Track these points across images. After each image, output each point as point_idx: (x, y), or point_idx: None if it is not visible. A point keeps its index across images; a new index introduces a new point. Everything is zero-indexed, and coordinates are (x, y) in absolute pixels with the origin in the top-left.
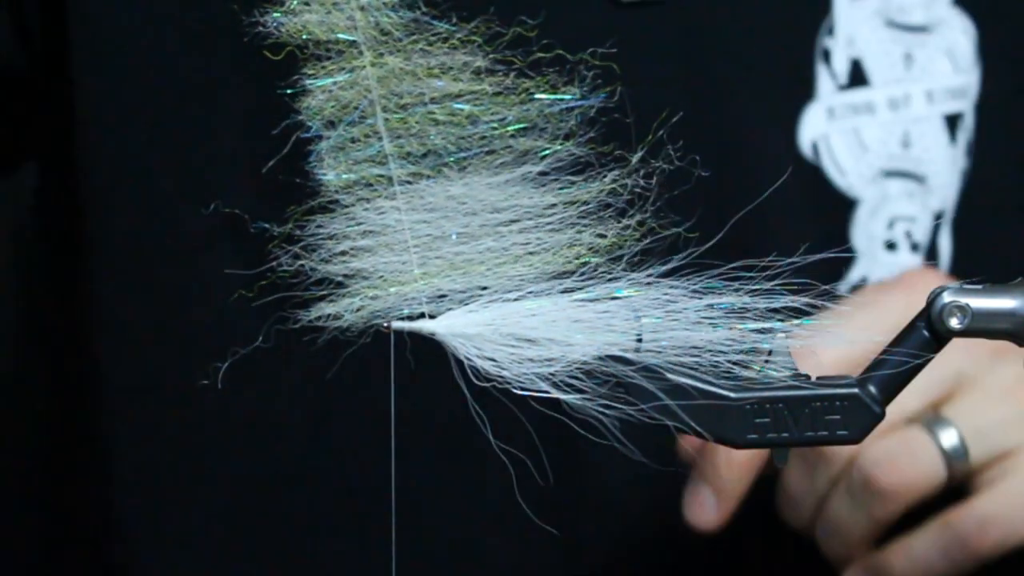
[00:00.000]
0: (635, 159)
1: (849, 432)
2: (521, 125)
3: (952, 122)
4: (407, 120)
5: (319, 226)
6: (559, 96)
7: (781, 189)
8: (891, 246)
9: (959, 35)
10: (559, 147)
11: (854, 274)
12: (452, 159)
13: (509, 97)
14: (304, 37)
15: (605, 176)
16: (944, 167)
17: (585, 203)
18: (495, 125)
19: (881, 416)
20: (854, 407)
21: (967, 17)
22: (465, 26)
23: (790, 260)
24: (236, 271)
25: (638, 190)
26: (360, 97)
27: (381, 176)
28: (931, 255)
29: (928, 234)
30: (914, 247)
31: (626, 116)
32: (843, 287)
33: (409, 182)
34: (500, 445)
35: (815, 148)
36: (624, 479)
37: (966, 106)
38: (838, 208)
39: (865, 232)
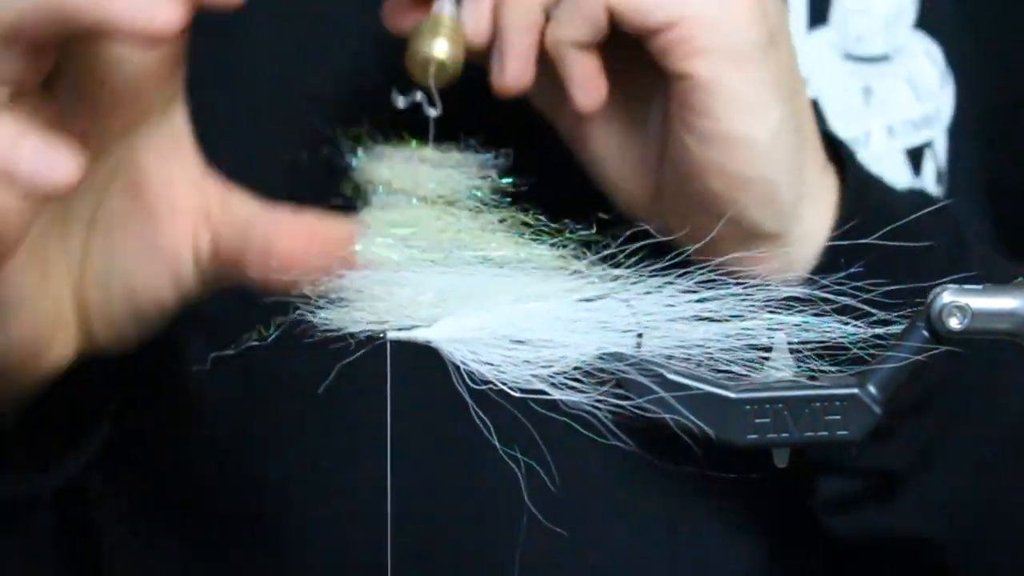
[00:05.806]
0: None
1: (849, 432)
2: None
3: (916, 155)
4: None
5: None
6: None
7: None
8: None
9: (922, 60)
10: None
11: None
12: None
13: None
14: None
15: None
16: None
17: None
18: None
19: (881, 416)
20: (854, 407)
21: (930, 39)
22: None
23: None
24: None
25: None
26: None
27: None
28: None
29: None
30: None
31: None
32: None
33: None
34: (504, 449)
35: None
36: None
37: (933, 134)
38: None
39: None
